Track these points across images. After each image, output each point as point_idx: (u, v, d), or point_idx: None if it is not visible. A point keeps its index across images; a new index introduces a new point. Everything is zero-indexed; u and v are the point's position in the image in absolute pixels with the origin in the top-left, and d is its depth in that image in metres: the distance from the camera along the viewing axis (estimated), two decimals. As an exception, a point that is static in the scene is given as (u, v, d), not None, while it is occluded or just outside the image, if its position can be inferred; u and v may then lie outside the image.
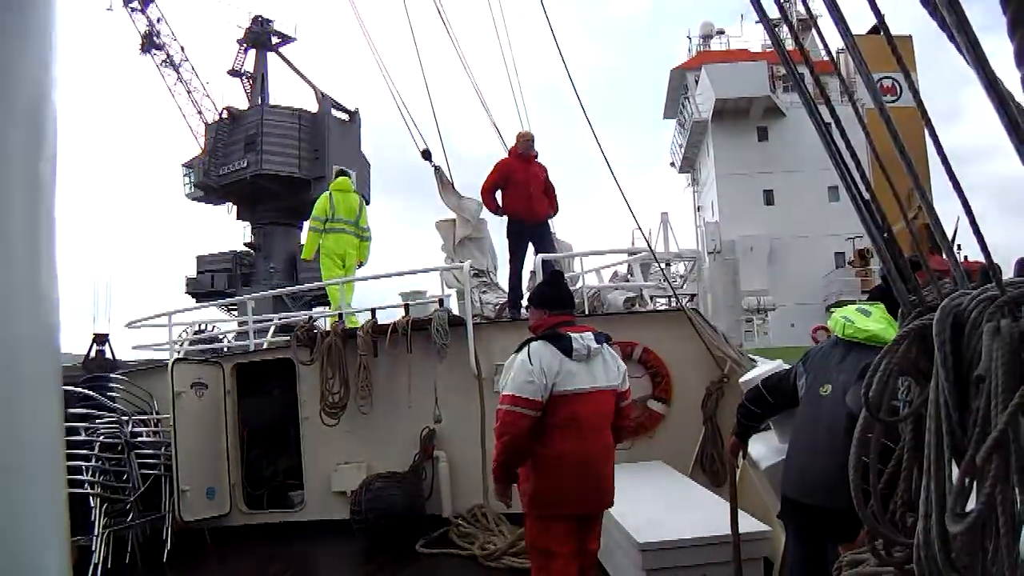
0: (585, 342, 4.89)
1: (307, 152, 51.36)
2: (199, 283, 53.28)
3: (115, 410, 8.84)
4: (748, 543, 5.05)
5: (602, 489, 5.00)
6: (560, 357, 4.77)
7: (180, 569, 8.20)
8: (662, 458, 8.46)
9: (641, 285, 11.19)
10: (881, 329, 3.73)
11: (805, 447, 3.96)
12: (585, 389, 4.83)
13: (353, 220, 11.74)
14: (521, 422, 4.65)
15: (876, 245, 2.17)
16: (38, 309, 1.13)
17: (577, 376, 4.80)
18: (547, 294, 5.31)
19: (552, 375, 4.70)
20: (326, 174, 48.38)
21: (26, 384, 1.09)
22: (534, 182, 10.42)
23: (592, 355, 4.93)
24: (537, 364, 4.70)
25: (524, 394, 4.65)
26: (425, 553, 7.99)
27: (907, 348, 1.98)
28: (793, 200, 44.30)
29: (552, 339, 4.85)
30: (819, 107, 2.22)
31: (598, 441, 4.96)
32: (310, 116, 52.87)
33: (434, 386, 9.10)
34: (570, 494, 4.77)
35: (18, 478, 1.07)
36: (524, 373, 4.69)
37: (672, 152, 56.07)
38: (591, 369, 4.91)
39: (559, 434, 4.74)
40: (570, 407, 4.76)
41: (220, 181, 51.72)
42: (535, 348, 4.81)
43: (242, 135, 51.46)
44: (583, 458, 4.80)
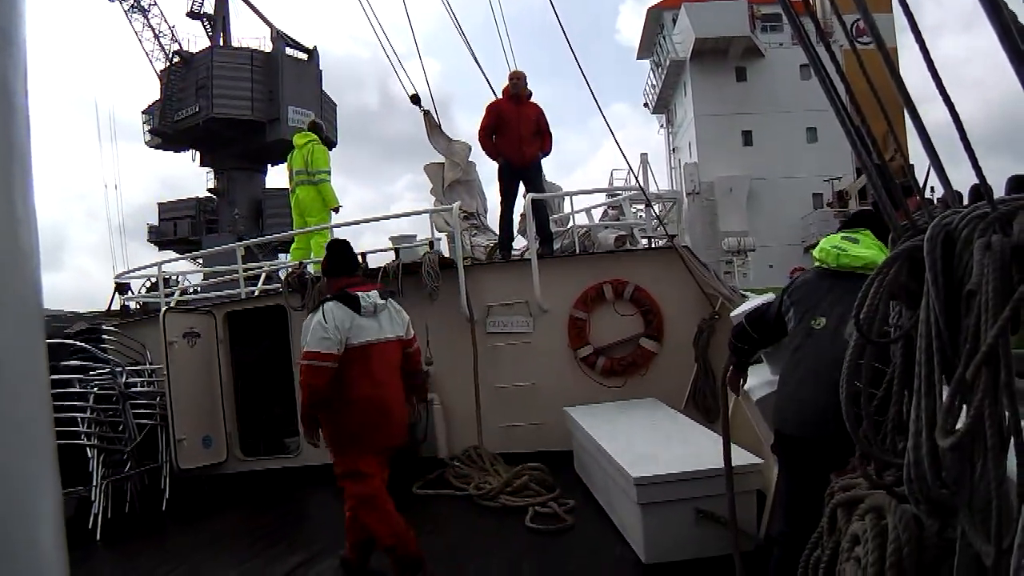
0: (372, 299, 5.70)
1: (261, 94, 50.30)
2: (161, 231, 52.64)
3: (108, 361, 8.87)
4: (741, 476, 5.13)
5: (394, 427, 5.77)
6: (351, 314, 5.54)
7: (179, 517, 8.28)
8: (655, 395, 8.59)
9: (632, 223, 11.23)
10: (874, 255, 3.70)
11: (797, 381, 3.94)
12: (373, 340, 5.63)
13: (303, 168, 11.67)
14: (320, 374, 5.40)
15: (867, 171, 2.21)
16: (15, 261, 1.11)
17: (366, 329, 5.60)
18: (333, 261, 6.03)
19: (344, 330, 5.46)
20: (280, 116, 47.85)
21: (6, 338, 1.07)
22: (525, 124, 10.39)
23: (379, 310, 5.74)
24: (331, 322, 5.43)
25: (321, 349, 5.38)
26: (421, 495, 8.07)
27: (898, 270, 2.02)
28: (771, 141, 44.33)
29: (343, 299, 5.61)
30: (807, 39, 2.26)
31: (389, 386, 5.74)
32: (263, 56, 51.70)
33: (425, 329, 9.17)
34: (367, 433, 5.57)
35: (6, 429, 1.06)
36: (320, 330, 5.42)
37: (646, 92, 55.74)
38: (379, 323, 5.72)
39: (355, 382, 5.51)
40: (362, 357, 5.55)
41: (176, 127, 50.71)
42: (328, 308, 5.55)
43: (194, 79, 50.33)
44: (377, 401, 5.59)
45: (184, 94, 50.61)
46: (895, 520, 1.95)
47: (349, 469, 5.60)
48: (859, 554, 2.06)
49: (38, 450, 1.14)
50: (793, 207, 43.48)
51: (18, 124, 1.14)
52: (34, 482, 1.11)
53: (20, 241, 1.12)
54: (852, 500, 2.35)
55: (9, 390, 1.08)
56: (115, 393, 8.49)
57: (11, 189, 1.11)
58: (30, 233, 1.14)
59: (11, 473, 1.06)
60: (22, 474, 1.09)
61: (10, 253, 1.10)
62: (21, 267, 1.12)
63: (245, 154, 51.30)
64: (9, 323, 1.09)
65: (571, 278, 9.24)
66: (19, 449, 1.09)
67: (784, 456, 4.16)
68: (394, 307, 6.00)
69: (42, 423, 1.16)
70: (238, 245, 10.94)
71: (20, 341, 1.12)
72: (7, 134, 1.11)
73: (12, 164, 1.11)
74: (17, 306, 1.11)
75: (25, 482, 1.09)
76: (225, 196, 52.43)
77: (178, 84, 50.94)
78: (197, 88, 50.04)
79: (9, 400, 1.07)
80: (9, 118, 1.12)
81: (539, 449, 8.52)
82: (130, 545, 7.55)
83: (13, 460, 1.07)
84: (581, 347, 9.10)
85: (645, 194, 10.82)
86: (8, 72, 1.12)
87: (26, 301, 1.13)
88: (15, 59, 1.14)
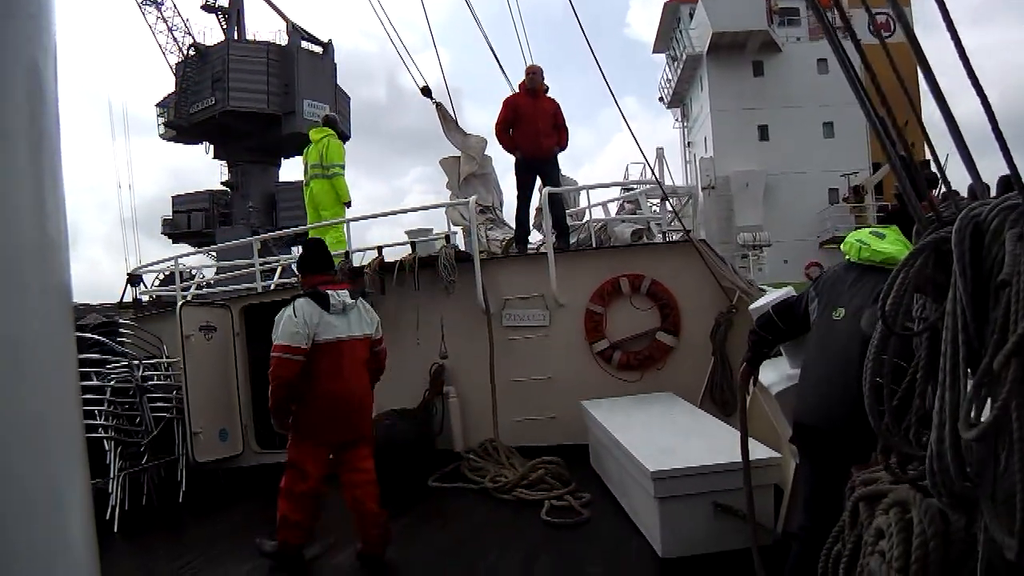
0: (340, 298, 5.98)
1: (277, 87, 50.08)
2: (175, 224, 52.63)
3: (125, 355, 8.87)
4: (759, 470, 5.11)
5: (356, 420, 6.03)
6: (320, 311, 5.83)
7: (196, 510, 8.29)
8: (672, 389, 8.56)
9: (648, 217, 11.19)
10: (897, 251, 3.65)
11: (818, 372, 3.93)
12: (342, 337, 5.92)
13: (318, 162, 11.70)
14: (290, 366, 5.66)
15: (892, 162, 2.20)
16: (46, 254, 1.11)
17: (334, 327, 5.89)
18: (308, 259, 6.33)
19: (313, 325, 5.75)
20: (296, 109, 47.79)
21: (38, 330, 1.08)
22: (542, 118, 10.38)
23: (348, 309, 6.02)
24: (301, 317, 5.72)
25: (291, 342, 5.66)
26: (437, 487, 8.08)
27: (923, 262, 2.00)
28: (788, 136, 43.99)
29: (313, 296, 5.90)
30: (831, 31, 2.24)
31: (354, 381, 6.02)
32: (279, 49, 51.39)
33: (441, 322, 9.18)
34: (328, 425, 5.88)
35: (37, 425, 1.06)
36: (291, 325, 5.71)
37: (661, 87, 55.45)
38: (347, 321, 6.00)
39: (321, 376, 5.79)
40: (329, 353, 5.84)
41: (191, 120, 50.47)
42: (299, 304, 5.83)
43: (209, 72, 50.06)
44: (341, 396, 5.88)
45: (200, 87, 50.47)
46: (920, 514, 1.94)
47: (292, 459, 5.92)
48: (883, 548, 2.05)
49: (67, 439, 1.15)
50: (809, 202, 43.16)
51: (48, 115, 1.14)
52: (64, 470, 1.12)
53: (49, 233, 1.12)
54: (875, 494, 2.33)
55: (40, 381, 1.08)
56: (132, 386, 8.48)
57: (41, 181, 1.11)
58: (59, 225, 1.14)
59: (42, 462, 1.07)
60: (52, 463, 1.09)
61: (40, 245, 1.10)
62: (51, 259, 1.12)
63: (259, 147, 51.17)
64: (39, 314, 1.09)
65: (587, 272, 9.22)
66: (50, 438, 1.09)
67: (804, 448, 4.13)
68: (364, 307, 6.31)
69: (71, 413, 1.17)
70: (254, 239, 10.93)
71: (50, 332, 1.12)
72: (38, 126, 1.12)
73: (42, 156, 1.11)
74: (47, 297, 1.11)
75: (55, 470, 1.10)
76: (239, 189, 52.32)
77: (194, 77, 50.79)
78: (213, 81, 49.88)
79: (40, 390, 1.08)
80: (40, 110, 1.12)
81: (555, 443, 8.54)
82: (147, 537, 7.56)
83: (43, 449, 1.07)
84: (597, 341, 9.09)
85: (662, 188, 10.75)
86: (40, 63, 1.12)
87: (56, 292, 1.13)
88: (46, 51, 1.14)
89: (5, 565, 1.00)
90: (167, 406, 8.92)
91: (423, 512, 7.54)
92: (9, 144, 1.07)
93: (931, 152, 2.13)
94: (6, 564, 1.01)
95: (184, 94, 50.82)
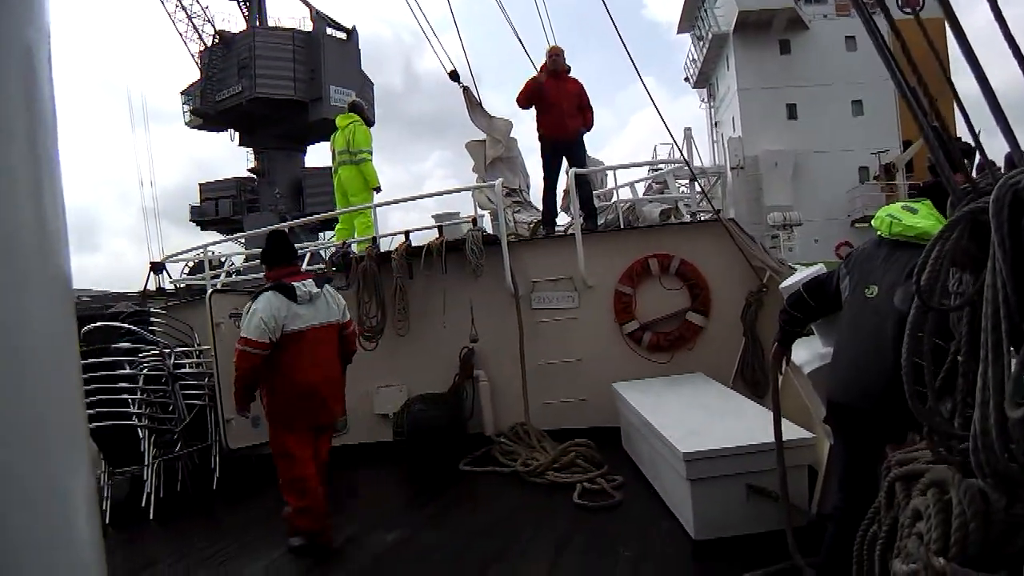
0: (307, 288, 6.14)
1: (303, 74, 50.21)
2: (203, 211, 52.98)
3: (157, 343, 8.92)
4: (792, 450, 5.04)
5: (328, 405, 6.27)
6: (287, 302, 5.97)
7: (229, 496, 8.34)
8: (703, 370, 8.51)
9: (676, 197, 11.10)
10: (930, 225, 3.55)
11: (851, 351, 3.87)
12: (314, 325, 6.11)
13: (345, 148, 11.68)
14: (251, 359, 5.86)
15: (924, 132, 2.14)
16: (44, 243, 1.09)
17: (302, 316, 6.05)
18: (271, 252, 6.45)
19: (281, 318, 5.90)
20: (323, 96, 47.85)
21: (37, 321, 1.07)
22: (566, 99, 10.28)
23: (314, 298, 6.19)
24: (268, 311, 5.87)
25: (254, 336, 5.83)
26: (468, 471, 8.08)
27: (960, 234, 1.94)
28: (817, 114, 43.72)
29: (279, 288, 6.01)
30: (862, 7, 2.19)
31: (325, 367, 6.23)
32: (304, 36, 51.52)
33: (470, 306, 9.17)
34: (303, 411, 6.08)
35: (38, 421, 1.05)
36: (256, 319, 5.85)
37: (686, 67, 55.23)
38: (315, 309, 6.17)
39: (292, 364, 5.97)
40: (299, 341, 6.00)
41: (217, 107, 50.72)
42: (266, 297, 5.98)
43: (235, 59, 50.25)
44: (313, 381, 6.07)
45: (225, 74, 50.68)
46: (959, 495, 1.88)
47: (282, 450, 6.10)
48: (921, 530, 2.00)
49: (71, 433, 1.13)
50: (839, 181, 42.84)
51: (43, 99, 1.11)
52: (68, 464, 1.11)
53: (48, 224, 1.10)
54: (911, 474, 2.28)
55: (42, 375, 1.07)
56: (164, 374, 8.54)
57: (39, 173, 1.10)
58: (57, 215, 1.13)
59: (46, 456, 1.06)
60: (56, 457, 1.08)
61: (39, 236, 1.08)
62: (50, 250, 1.10)
63: (285, 134, 51.35)
64: (40, 308, 1.08)
65: (616, 253, 9.15)
66: (53, 432, 1.08)
67: (838, 427, 4.09)
68: (330, 293, 6.50)
69: (73, 407, 1.16)
70: (282, 226, 10.93)
71: (51, 325, 1.10)
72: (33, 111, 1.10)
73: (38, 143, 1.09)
74: (47, 290, 1.10)
75: (60, 465, 1.09)
76: (265, 176, 52.58)
77: (219, 64, 51.02)
78: (239, 68, 50.13)
79: (42, 385, 1.07)
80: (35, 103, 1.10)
81: (586, 425, 8.48)
82: (182, 523, 7.64)
83: (47, 443, 1.06)
84: (627, 322, 9.02)
85: (690, 168, 10.65)
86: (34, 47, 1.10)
87: (56, 285, 1.12)
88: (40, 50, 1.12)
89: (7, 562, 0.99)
90: (199, 393, 8.96)
91: (454, 496, 7.56)
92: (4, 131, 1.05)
93: (966, 121, 2.07)
94: (8, 560, 0.99)
95: (210, 82, 51.06)
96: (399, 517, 6.98)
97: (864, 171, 43.61)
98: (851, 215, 41.46)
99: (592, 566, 5.36)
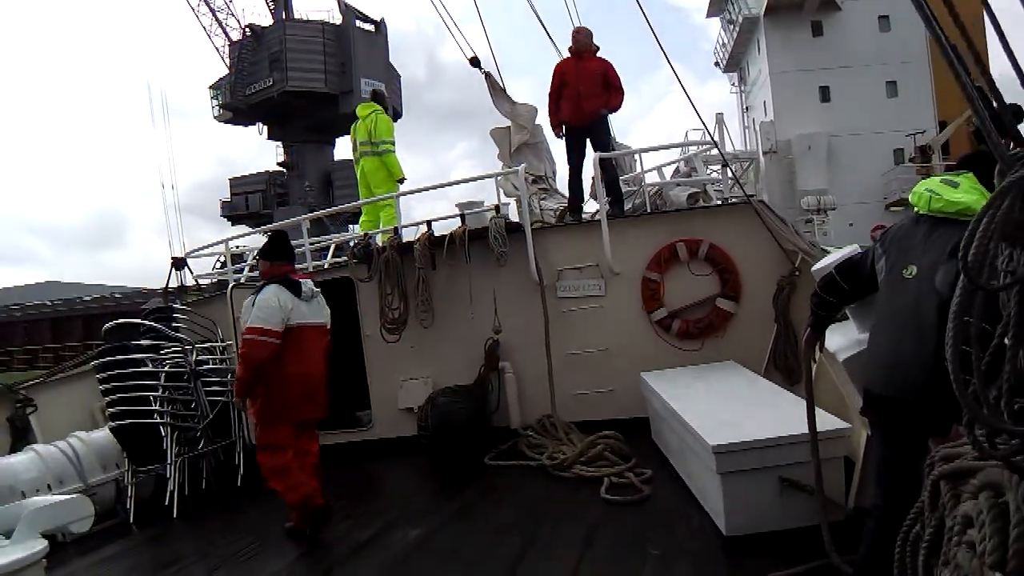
0: (309, 286, 6.46)
1: (333, 66, 50.82)
2: (233, 205, 53.56)
3: (179, 340, 8.86)
4: (827, 442, 4.89)
5: (318, 401, 6.47)
6: (292, 296, 6.21)
7: (253, 493, 8.29)
8: (733, 357, 8.34)
9: (704, 180, 10.89)
10: (973, 200, 3.32)
11: (889, 335, 3.64)
12: (311, 323, 6.37)
13: (367, 139, 11.53)
14: (265, 348, 6.02)
15: (966, 92, 1.94)
16: None
17: (303, 313, 6.28)
18: (273, 249, 6.62)
19: (287, 311, 6.13)
20: (354, 88, 48.13)
21: None
22: (584, 79, 10.02)
23: (314, 296, 6.49)
24: (276, 302, 6.09)
25: (267, 325, 6.02)
26: (493, 465, 7.98)
27: (1011, 204, 1.76)
28: (850, 96, 43.56)
29: (285, 283, 6.27)
30: None
31: (317, 364, 6.44)
32: (334, 29, 52.11)
33: (493, 295, 9.02)
34: (299, 405, 6.27)
35: None
36: (267, 308, 6.05)
37: (716, 51, 55.16)
38: (313, 308, 6.43)
39: (289, 358, 6.14)
40: (298, 337, 6.22)
41: (248, 101, 51.51)
42: (274, 289, 6.19)
43: (266, 52, 51.06)
44: (307, 377, 6.29)
45: (256, 68, 51.21)
46: (1018, 499, 1.67)
47: (268, 442, 6.28)
48: (973, 539, 1.79)
49: None
50: (873, 163, 42.58)
51: None
52: None
53: None
54: (959, 472, 2.10)
55: None
56: (186, 371, 8.50)
57: None
58: None
59: None
60: None
61: None
62: None
63: (315, 127, 51.73)
64: None
65: (643, 238, 8.95)
66: None
67: (876, 419, 3.87)
68: (321, 297, 6.71)
69: None
70: (303, 218, 10.80)
71: None
72: None
73: None
74: None
75: None
76: (295, 169, 53.00)
77: (249, 58, 51.44)
78: (270, 61, 50.52)
79: None
80: None
81: (614, 417, 8.38)
82: (207, 520, 7.67)
83: None
84: (655, 310, 8.83)
85: (722, 153, 10.42)
86: None
87: None
88: None
89: None
90: (223, 390, 8.91)
91: (480, 490, 7.47)
92: None
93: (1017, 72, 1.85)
94: None
95: (240, 75, 51.47)
96: (423, 513, 6.89)
97: (899, 153, 43.29)
98: (886, 198, 41.15)
99: (620, 564, 5.21)
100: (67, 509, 6.04)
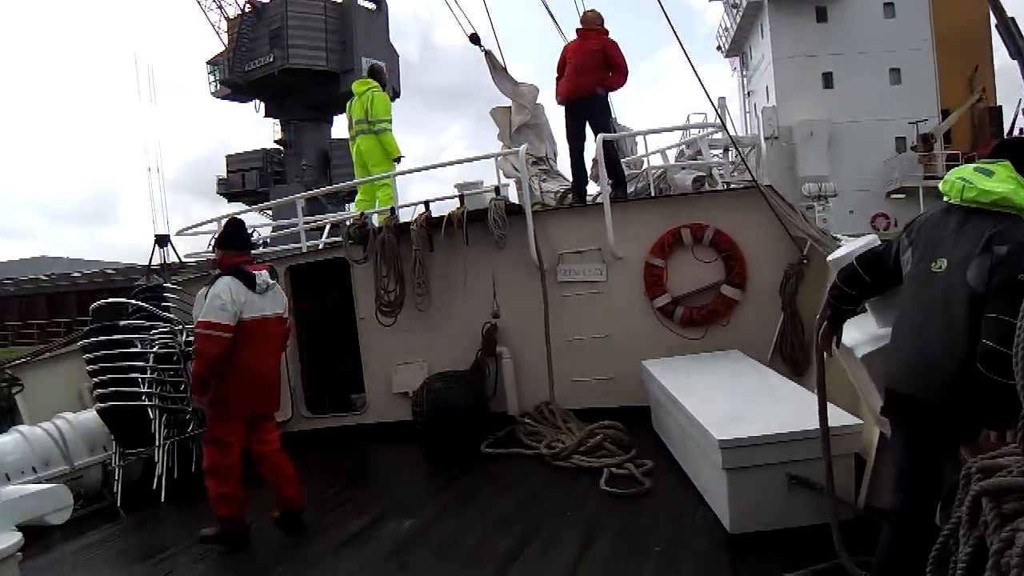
0: (263, 278, 6.24)
1: (335, 44, 50.74)
2: (230, 183, 53.59)
3: (169, 320, 8.68)
4: (838, 438, 4.78)
5: (271, 395, 6.47)
6: (245, 289, 6.06)
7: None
8: (738, 347, 8.19)
9: (710, 163, 10.73)
10: (1010, 190, 3.14)
11: (915, 332, 3.46)
12: (266, 315, 6.24)
13: (363, 117, 11.30)
14: (216, 343, 5.90)
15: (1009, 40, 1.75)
16: None
17: (257, 306, 6.16)
18: (229, 237, 6.47)
19: (240, 304, 5.99)
20: (354, 66, 48.04)
21: None
22: (582, 56, 9.80)
23: (269, 288, 6.31)
24: (228, 295, 5.95)
25: (219, 319, 5.90)
26: (490, 453, 7.85)
27: None
28: (853, 83, 43.84)
29: (239, 275, 6.09)
30: None
31: (271, 357, 6.42)
32: (336, 6, 52.08)
33: (492, 278, 8.89)
34: (246, 398, 6.17)
35: None
36: (218, 301, 5.92)
37: (718, 35, 55.26)
38: (267, 300, 6.28)
39: (242, 353, 6.03)
40: (252, 330, 6.09)
41: (246, 77, 51.53)
42: (227, 281, 6.04)
43: (266, 28, 51.04)
44: (260, 372, 6.24)
45: (256, 43, 51.06)
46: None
47: (216, 435, 6.15)
48: None
49: None
50: (875, 151, 42.76)
51: None
52: None
53: None
54: (1003, 488, 1.91)
55: None
56: (176, 352, 8.32)
57: None
58: None
59: None
60: None
61: None
62: None
63: (313, 104, 51.68)
64: None
65: (646, 222, 8.78)
66: None
67: (897, 420, 3.67)
68: (277, 287, 6.58)
69: None
70: (298, 197, 10.63)
71: None
72: None
73: None
74: None
75: None
76: (292, 147, 52.97)
77: (249, 34, 51.27)
78: (271, 38, 50.39)
79: None
80: None
81: (614, 405, 8.25)
82: (196, 505, 7.40)
83: None
84: (658, 296, 8.68)
85: (730, 136, 10.25)
86: None
87: None
88: None
89: None
90: (213, 372, 8.70)
91: (475, 480, 7.34)
92: None
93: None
94: None
95: (239, 51, 51.30)
96: (416, 503, 6.80)
97: (901, 141, 43.39)
98: (887, 186, 41.21)
99: (621, 562, 5.05)
100: (44, 499, 5.83)
